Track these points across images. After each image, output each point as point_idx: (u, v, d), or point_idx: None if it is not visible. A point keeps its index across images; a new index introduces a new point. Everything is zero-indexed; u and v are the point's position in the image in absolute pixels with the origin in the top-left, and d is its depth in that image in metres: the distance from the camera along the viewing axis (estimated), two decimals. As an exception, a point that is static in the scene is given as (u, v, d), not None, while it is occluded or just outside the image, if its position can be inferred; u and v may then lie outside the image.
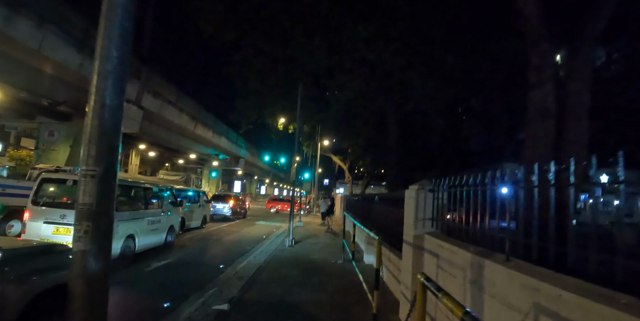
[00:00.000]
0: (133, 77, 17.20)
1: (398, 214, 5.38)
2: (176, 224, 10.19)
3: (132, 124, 18.15)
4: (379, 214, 7.52)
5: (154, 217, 8.54)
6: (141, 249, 8.00)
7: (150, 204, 8.65)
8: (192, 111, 24.55)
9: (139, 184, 8.34)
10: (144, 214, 8.04)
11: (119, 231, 6.84)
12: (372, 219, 8.64)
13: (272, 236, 13.29)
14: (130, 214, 7.44)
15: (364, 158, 24.88)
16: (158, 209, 8.92)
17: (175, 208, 10.15)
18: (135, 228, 7.59)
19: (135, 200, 8.11)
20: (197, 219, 14.55)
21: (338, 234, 13.95)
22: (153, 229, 8.51)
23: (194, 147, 29.00)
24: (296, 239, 11.25)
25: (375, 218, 8.09)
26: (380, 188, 43.21)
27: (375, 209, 8.36)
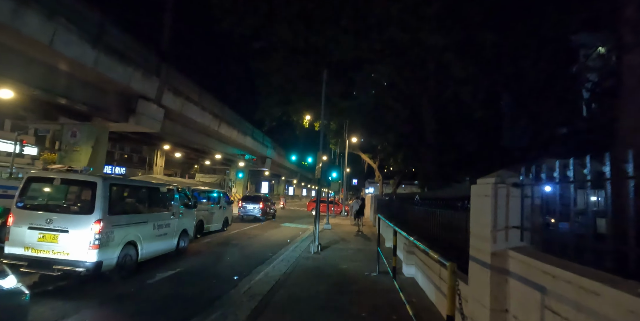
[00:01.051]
0: (152, 74, 16.62)
1: (455, 219, 4.03)
2: (190, 228, 9.21)
3: (152, 123, 17.60)
4: (424, 219, 6.15)
5: (161, 221, 7.54)
6: (146, 257, 7.04)
7: (157, 207, 7.68)
8: (215, 109, 23.93)
9: (142, 184, 7.38)
10: (148, 217, 7.07)
11: (114, 237, 5.88)
12: (412, 224, 7.28)
13: (297, 240, 12.15)
14: (130, 217, 6.48)
15: (395, 156, 23.30)
16: (167, 212, 7.93)
17: (189, 211, 9.16)
18: (137, 234, 6.60)
19: (138, 202, 7.18)
20: (218, 222, 13.55)
21: (370, 239, 12.61)
22: (161, 235, 7.53)
23: (219, 147, 28.46)
24: (323, 245, 10.03)
25: (418, 222, 6.73)
26: (411, 187, 41.25)
27: (416, 211, 6.99)
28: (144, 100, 16.65)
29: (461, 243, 4.15)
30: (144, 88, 16.22)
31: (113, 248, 5.86)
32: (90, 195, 5.62)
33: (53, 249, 5.43)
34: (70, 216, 5.63)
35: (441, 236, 5.20)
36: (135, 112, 16.43)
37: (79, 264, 5.35)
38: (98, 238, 5.47)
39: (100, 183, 5.66)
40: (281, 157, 46.35)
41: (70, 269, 5.33)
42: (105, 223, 5.61)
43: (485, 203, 2.82)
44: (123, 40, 14.60)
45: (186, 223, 8.85)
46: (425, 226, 6.04)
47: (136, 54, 15.42)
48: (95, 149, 17.21)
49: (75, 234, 5.44)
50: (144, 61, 15.96)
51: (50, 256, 5.40)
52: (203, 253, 9.20)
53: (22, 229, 5.54)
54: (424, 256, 5.76)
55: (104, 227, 5.59)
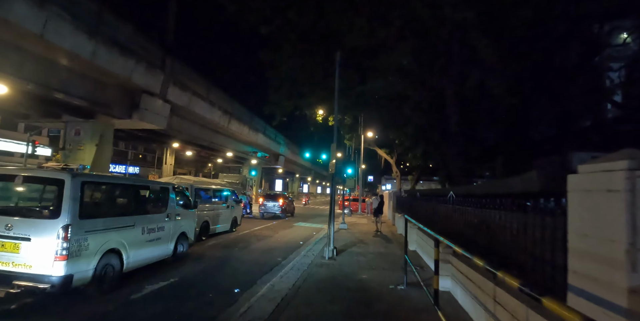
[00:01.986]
0: (156, 68, 15.79)
1: (529, 227, 2.90)
2: (190, 230, 8.22)
3: (158, 119, 16.81)
4: (465, 222, 5.00)
5: (153, 224, 6.58)
6: (135, 266, 6.10)
7: (148, 208, 6.74)
8: (225, 105, 23.06)
9: (126, 182, 6.40)
10: (136, 220, 6.08)
11: (88, 245, 4.91)
12: (444, 227, 6.12)
13: (311, 241, 11.12)
14: (110, 221, 5.50)
15: (413, 150, 21.97)
16: (160, 214, 6.97)
17: (188, 211, 8.16)
18: (121, 240, 5.63)
19: (122, 203, 6.22)
20: (225, 223, 12.70)
21: (390, 240, 11.47)
22: (153, 240, 6.55)
23: (230, 144, 27.67)
24: (339, 248, 8.95)
25: (455, 226, 5.58)
26: (430, 184, 39.73)
27: (452, 212, 5.84)
28: (148, 95, 15.85)
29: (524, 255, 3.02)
30: (148, 82, 15.40)
31: (87, 258, 4.90)
32: (57, 196, 4.71)
33: (13, 261, 4.48)
34: (33, 221, 4.70)
35: (489, 245, 4.06)
36: (139, 108, 15.65)
37: (43, 279, 4.41)
38: (66, 247, 4.52)
39: (69, 181, 4.72)
40: (295, 155, 45.42)
41: (32, 285, 4.39)
42: (75, 228, 4.66)
43: (608, 203, 1.69)
44: (123, 31, 13.77)
45: (185, 226, 7.91)
46: (467, 231, 4.90)
47: (138, 46, 14.59)
48: (100, 147, 16.53)
49: (38, 242, 4.51)
50: (146, 54, 15.13)
51: (10, 270, 4.46)
52: (204, 258, 8.25)
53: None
54: (466, 268, 4.62)
55: (74, 234, 4.64)
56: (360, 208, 27.07)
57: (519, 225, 3.20)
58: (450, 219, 6.00)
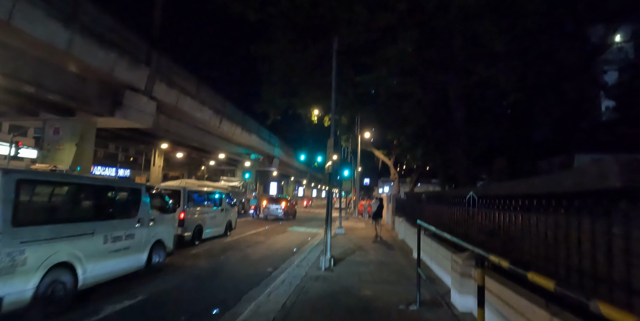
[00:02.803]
0: (141, 62, 14.81)
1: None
2: (168, 238, 7.28)
3: (143, 117, 15.79)
4: (505, 231, 4.06)
5: (119, 231, 5.66)
6: (95, 281, 5.15)
7: (113, 212, 5.78)
8: (216, 104, 22.08)
9: (81, 181, 5.33)
10: (95, 227, 5.14)
11: (26, 259, 3.98)
12: (464, 235, 5.22)
13: (305, 248, 10.16)
14: (59, 228, 4.54)
15: (413, 151, 21.12)
16: (129, 219, 6.04)
17: (165, 216, 7.26)
18: (75, 251, 4.72)
19: (76, 206, 5.21)
20: (219, 227, 12.07)
21: (392, 247, 10.53)
22: (119, 249, 5.64)
23: (222, 145, 26.66)
24: (336, 257, 8.01)
25: (478, 233, 4.66)
26: (428, 186, 38.90)
27: (474, 217, 4.93)
28: (131, 91, 14.85)
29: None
30: (131, 77, 14.41)
31: (25, 276, 3.98)
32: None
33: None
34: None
35: (542, 259, 3.16)
36: (122, 105, 14.63)
37: None
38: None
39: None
40: (289, 157, 44.45)
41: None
42: (5, 239, 3.79)
43: None
44: (104, 21, 12.79)
45: (161, 232, 6.98)
46: (493, 239, 3.98)
47: (120, 38, 13.62)
48: (81, 146, 15.48)
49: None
50: (130, 47, 14.16)
51: None
52: (183, 269, 7.26)
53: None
54: (499, 287, 3.68)
55: (4, 245, 3.76)
56: (357, 212, 26.18)
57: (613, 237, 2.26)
58: (470, 225, 5.08)
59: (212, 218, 11.51)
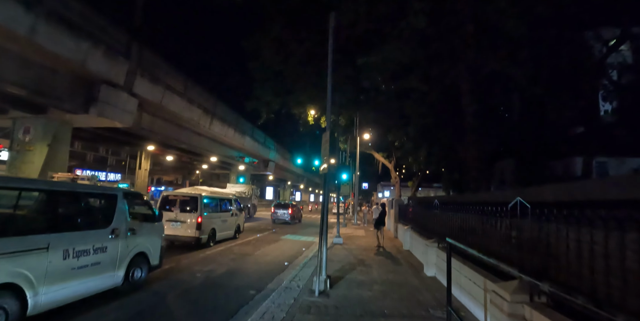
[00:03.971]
0: (119, 54, 13.52)
1: None
2: (153, 250, 6.24)
3: (122, 115, 14.45)
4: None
5: (86, 244, 4.73)
6: (52, 305, 4.21)
7: (76, 222, 4.90)
8: (206, 103, 20.77)
9: (29, 186, 4.43)
10: (51, 240, 4.20)
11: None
12: (505, 255, 3.89)
13: (298, 262, 8.79)
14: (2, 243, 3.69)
15: (415, 153, 19.84)
16: (100, 230, 5.08)
17: (150, 225, 6.28)
18: (22, 270, 3.84)
19: (25, 216, 4.44)
20: (230, 230, 12.93)
21: (397, 260, 9.15)
22: (85, 266, 4.69)
23: (214, 148, 25.29)
24: (333, 275, 6.67)
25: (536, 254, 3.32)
26: (429, 191, 37.59)
27: (534, 233, 3.59)
28: (108, 86, 13.53)
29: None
30: (108, 71, 13.11)
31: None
32: None
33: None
34: None
35: None
36: (98, 101, 13.31)
37: None
38: None
39: None
40: (286, 161, 43.11)
41: None
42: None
43: None
44: (74, 7, 11.52)
45: (143, 244, 5.95)
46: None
47: (95, 26, 12.33)
48: (53, 147, 14.12)
49: None
50: (106, 37, 12.88)
51: None
52: (149, 290, 5.86)
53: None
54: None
55: None
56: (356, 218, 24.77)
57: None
58: (519, 243, 3.75)
59: (223, 221, 12.28)
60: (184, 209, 10.71)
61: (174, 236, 10.36)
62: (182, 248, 10.27)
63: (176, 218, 10.54)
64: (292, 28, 13.86)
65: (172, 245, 10.33)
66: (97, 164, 43.49)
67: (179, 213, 10.65)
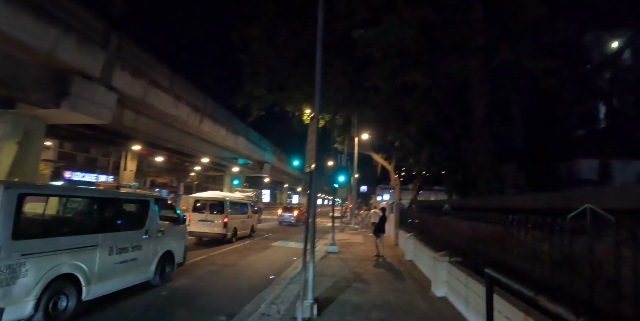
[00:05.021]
0: (94, 44, 12.37)
1: None
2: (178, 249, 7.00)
3: (99, 111, 13.25)
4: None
5: (126, 242, 5.44)
6: (101, 292, 4.92)
7: (118, 224, 5.53)
8: (195, 100, 19.61)
9: (84, 194, 5.27)
10: (100, 239, 4.87)
11: (27, 271, 3.81)
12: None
13: (286, 275, 7.62)
14: (62, 241, 4.35)
15: (417, 153, 18.73)
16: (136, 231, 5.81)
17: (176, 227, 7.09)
18: (79, 263, 4.49)
19: (81, 218, 5.28)
20: (246, 229, 14.88)
21: (400, 273, 7.97)
22: (125, 261, 5.39)
23: (204, 148, 24.11)
24: (323, 296, 5.52)
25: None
26: (430, 194, 36.42)
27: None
28: (83, 79, 12.35)
29: None
30: (82, 62, 11.93)
31: (25, 288, 3.83)
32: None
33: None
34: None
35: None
36: (71, 95, 12.10)
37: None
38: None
39: (0, 192, 3.70)
40: (282, 163, 41.93)
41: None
42: (5, 252, 3.67)
43: None
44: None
45: (170, 243, 6.72)
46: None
47: (65, 11, 11.17)
48: (24, 146, 12.90)
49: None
50: (79, 24, 11.72)
51: None
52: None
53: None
54: None
55: (4, 258, 3.64)
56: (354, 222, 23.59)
57: None
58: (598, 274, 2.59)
59: (242, 222, 14.36)
60: (212, 211, 12.79)
61: (205, 233, 12.57)
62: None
63: (206, 218, 12.63)
64: (284, 16, 12.80)
65: (200, 240, 12.79)
66: (88, 165, 42.25)
67: (209, 214, 12.73)
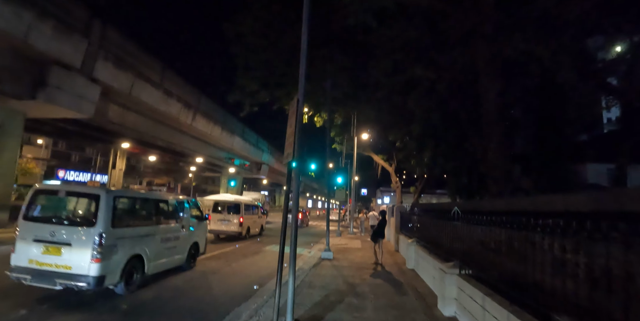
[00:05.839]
0: (74, 31, 11.54)
1: None
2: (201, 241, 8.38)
3: (79, 104, 12.41)
4: None
5: (170, 233, 6.92)
6: (155, 271, 6.39)
7: (165, 219, 6.98)
8: (189, 98, 18.76)
9: (148, 196, 7.29)
10: (155, 230, 6.49)
11: (118, 251, 5.32)
12: None
13: (272, 285, 6.65)
14: (135, 230, 5.93)
15: (419, 154, 17.80)
16: (176, 225, 7.21)
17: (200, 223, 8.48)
18: (144, 247, 5.99)
19: (144, 214, 6.57)
20: (257, 228, 16.78)
21: (401, 286, 7.00)
22: (170, 248, 6.88)
23: (198, 147, 23.23)
24: (310, 316, 4.57)
25: None
26: (431, 198, 35.42)
27: None
28: (61, 68, 11.53)
29: None
30: (60, 50, 11.11)
31: (117, 262, 5.33)
32: (95, 208, 5.31)
33: (56, 262, 5.03)
34: (73, 228, 5.29)
35: None
36: (47, 85, 11.28)
37: (80, 279, 4.94)
38: (100, 252, 5.04)
39: (104, 196, 5.31)
40: (281, 164, 40.99)
41: (71, 283, 4.94)
42: (108, 236, 5.17)
43: None
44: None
45: (197, 237, 8.14)
46: None
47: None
48: (0, 141, 12.13)
49: (77, 247, 5.06)
50: (56, 9, 10.91)
51: (53, 270, 5.02)
52: None
53: (27, 242, 5.17)
54: None
55: (107, 240, 5.14)
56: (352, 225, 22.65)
57: None
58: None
59: (254, 221, 16.16)
60: (229, 211, 14.65)
61: (223, 230, 14.40)
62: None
63: (225, 218, 14.50)
64: (279, 2, 11.95)
65: (218, 237, 14.60)
66: (83, 164, 41.42)
67: (227, 214, 14.61)
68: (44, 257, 5.04)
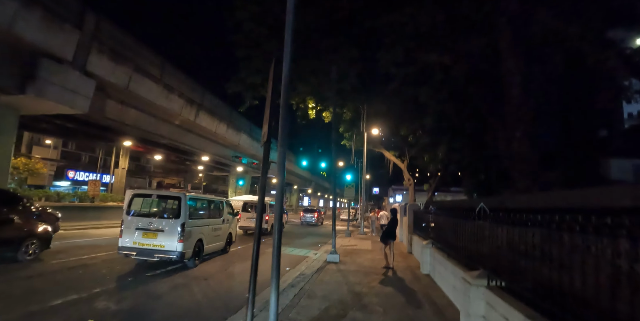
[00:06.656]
0: (65, 21, 10.94)
1: None
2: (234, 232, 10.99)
3: (73, 98, 11.83)
4: None
5: (216, 225, 9.44)
6: (207, 252, 8.78)
7: (213, 214, 9.45)
8: (192, 94, 18.12)
9: (205, 198, 9.58)
10: (209, 222, 8.97)
11: (190, 235, 7.73)
12: None
13: (267, 294, 5.83)
14: (199, 222, 8.37)
15: (433, 150, 16.77)
16: (219, 218, 9.69)
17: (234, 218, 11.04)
18: (203, 234, 8.41)
19: (203, 210, 9.04)
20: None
21: (414, 295, 6.11)
22: (216, 236, 9.41)
23: (202, 145, 22.61)
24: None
25: None
26: (446, 196, 34.09)
27: None
28: (51, 61, 10.93)
29: None
30: (49, 41, 10.52)
31: (190, 243, 7.71)
32: (177, 206, 7.74)
33: (153, 243, 7.45)
34: (164, 220, 7.68)
35: None
36: (37, 78, 10.70)
37: (171, 253, 7.35)
38: (183, 235, 7.41)
39: (184, 197, 7.76)
40: (290, 163, 40.27)
41: (165, 256, 7.36)
42: (187, 225, 7.56)
43: None
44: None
45: (231, 229, 10.55)
46: None
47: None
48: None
49: (168, 232, 7.48)
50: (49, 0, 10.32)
51: (151, 248, 7.44)
52: None
53: (131, 230, 7.60)
54: None
55: (186, 228, 7.51)
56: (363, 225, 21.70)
57: None
58: None
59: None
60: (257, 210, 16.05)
61: (252, 227, 15.78)
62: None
63: (253, 216, 15.79)
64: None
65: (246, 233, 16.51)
66: (94, 165, 41.43)
67: (254, 212, 14.96)
68: (144, 240, 7.48)
